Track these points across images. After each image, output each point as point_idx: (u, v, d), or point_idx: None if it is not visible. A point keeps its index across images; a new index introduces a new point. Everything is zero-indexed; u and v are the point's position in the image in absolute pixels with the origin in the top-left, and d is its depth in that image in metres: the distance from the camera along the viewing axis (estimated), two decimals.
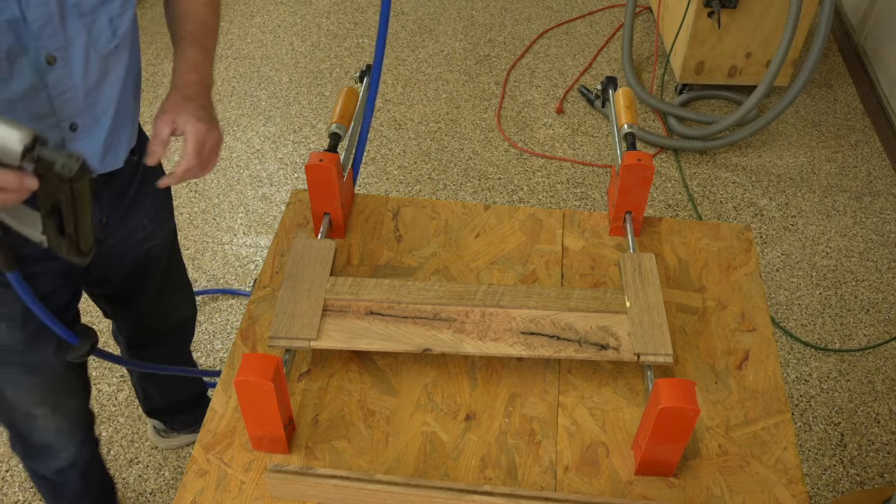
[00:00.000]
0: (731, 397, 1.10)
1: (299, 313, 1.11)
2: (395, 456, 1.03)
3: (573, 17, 3.52)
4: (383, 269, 1.25)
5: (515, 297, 1.13)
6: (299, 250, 1.20)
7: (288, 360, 1.08)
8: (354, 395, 1.10)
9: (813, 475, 2.01)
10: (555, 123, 2.98)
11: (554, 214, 1.34)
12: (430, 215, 1.34)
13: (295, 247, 1.20)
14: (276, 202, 2.66)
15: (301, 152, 2.85)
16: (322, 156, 1.20)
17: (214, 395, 1.09)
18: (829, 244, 2.58)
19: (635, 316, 1.11)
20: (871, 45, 3.14)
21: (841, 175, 2.82)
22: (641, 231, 1.31)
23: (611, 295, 1.14)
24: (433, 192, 2.71)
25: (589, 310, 1.12)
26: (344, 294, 1.14)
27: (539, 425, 1.07)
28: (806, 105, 3.10)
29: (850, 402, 2.16)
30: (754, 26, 2.84)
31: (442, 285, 1.15)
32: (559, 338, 1.09)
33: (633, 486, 1.01)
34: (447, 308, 1.12)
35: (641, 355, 1.07)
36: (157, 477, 1.97)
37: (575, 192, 2.72)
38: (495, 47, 3.34)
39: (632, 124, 1.29)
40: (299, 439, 1.05)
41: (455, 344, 1.08)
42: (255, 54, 3.29)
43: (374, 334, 1.09)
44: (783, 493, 1.00)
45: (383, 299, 1.13)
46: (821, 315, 2.37)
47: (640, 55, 3.29)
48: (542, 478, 1.02)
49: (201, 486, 1.00)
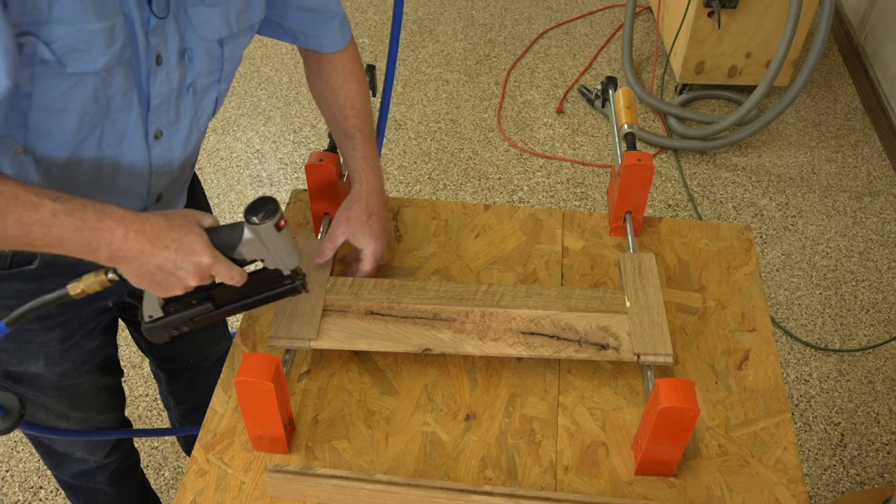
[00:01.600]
0: (731, 397, 1.10)
1: (299, 313, 1.11)
2: (395, 456, 1.03)
3: (573, 17, 3.52)
4: (383, 269, 1.25)
5: (515, 298, 1.13)
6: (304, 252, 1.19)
7: (288, 360, 1.08)
8: (354, 395, 1.10)
9: (813, 475, 2.01)
10: (555, 123, 2.98)
11: (554, 214, 1.34)
12: (430, 215, 1.34)
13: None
14: None
15: (301, 152, 2.85)
16: (322, 156, 1.20)
17: (214, 395, 1.09)
18: (829, 244, 2.58)
19: (635, 316, 1.11)
20: (871, 45, 3.14)
21: (841, 175, 2.82)
22: (641, 231, 1.31)
23: (611, 295, 1.14)
24: (433, 192, 2.71)
25: (589, 310, 1.12)
26: (344, 294, 1.13)
27: (539, 425, 1.07)
28: (806, 105, 3.10)
29: (850, 402, 2.16)
30: (754, 26, 2.84)
31: (442, 285, 1.15)
32: (559, 338, 1.09)
33: (633, 486, 1.01)
34: (447, 308, 1.12)
35: (641, 355, 1.07)
36: (157, 477, 1.97)
37: (575, 192, 2.71)
38: (495, 47, 3.34)
39: (632, 124, 1.29)
40: (299, 439, 1.05)
41: (455, 344, 1.08)
42: (255, 54, 3.29)
43: (374, 334, 1.09)
44: (783, 493, 1.00)
45: (383, 299, 1.13)
46: (821, 315, 2.37)
47: (640, 55, 3.29)
48: (542, 478, 1.02)
49: (201, 486, 1.00)
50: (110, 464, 1.51)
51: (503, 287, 1.15)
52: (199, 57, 0.99)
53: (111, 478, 1.53)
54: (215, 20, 0.97)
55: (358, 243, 1.17)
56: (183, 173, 1.12)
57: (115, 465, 1.52)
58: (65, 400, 1.28)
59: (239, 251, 0.93)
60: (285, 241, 0.94)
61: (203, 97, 1.04)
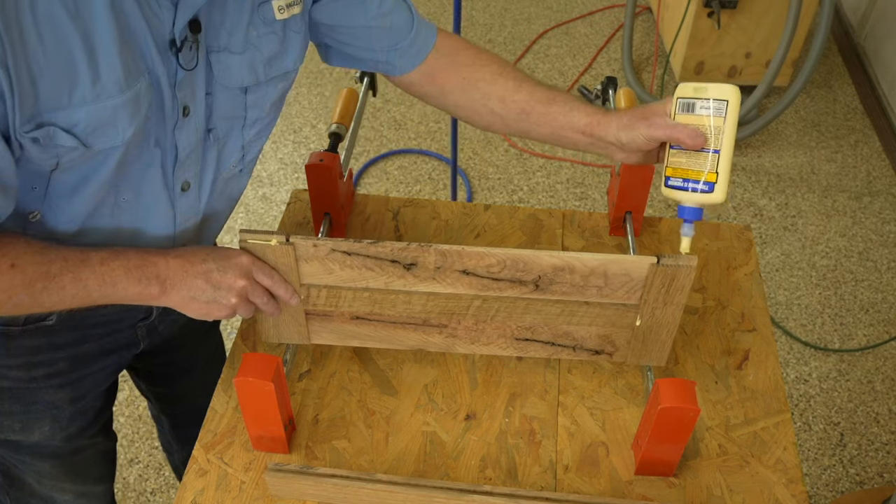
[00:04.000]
0: (731, 397, 1.10)
1: (282, 320, 1.05)
2: (395, 456, 1.03)
3: (573, 17, 3.52)
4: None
5: (512, 314, 1.02)
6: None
7: (288, 360, 1.08)
8: (354, 394, 1.10)
9: (813, 475, 2.01)
10: None
11: (554, 214, 1.34)
12: (430, 215, 1.34)
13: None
14: (276, 202, 2.66)
15: (301, 152, 2.85)
16: (322, 156, 1.20)
17: (215, 395, 1.09)
18: (828, 244, 2.58)
19: (641, 333, 1.03)
20: (870, 45, 3.14)
21: (841, 175, 2.82)
22: (641, 231, 1.31)
23: (621, 314, 1.01)
24: (433, 192, 2.71)
25: (594, 325, 1.03)
26: (321, 306, 1.03)
27: (539, 425, 1.07)
28: (806, 105, 3.10)
29: (849, 401, 2.16)
30: (754, 26, 2.84)
31: (430, 299, 1.01)
32: (554, 344, 1.06)
33: (633, 486, 1.01)
34: (437, 316, 1.05)
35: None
36: (157, 477, 1.97)
37: (575, 192, 2.72)
38: (495, 47, 3.34)
39: None
40: (299, 439, 1.05)
41: (447, 347, 1.08)
42: None
43: (365, 336, 1.07)
44: (783, 493, 1.00)
45: (365, 312, 1.03)
46: (820, 315, 2.37)
47: (640, 55, 3.29)
48: (542, 478, 1.02)
49: (201, 486, 1.00)
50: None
51: (498, 301, 1.00)
52: (221, 103, 0.93)
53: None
54: (239, 68, 0.91)
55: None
56: (209, 226, 1.06)
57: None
58: (64, 468, 1.24)
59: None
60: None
61: (225, 144, 0.97)
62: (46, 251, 0.85)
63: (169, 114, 0.87)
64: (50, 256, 0.85)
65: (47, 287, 0.85)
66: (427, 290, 0.99)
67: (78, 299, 0.88)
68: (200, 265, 0.92)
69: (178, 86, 0.85)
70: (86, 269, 0.87)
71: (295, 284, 1.00)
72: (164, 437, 1.65)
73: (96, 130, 0.79)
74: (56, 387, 1.10)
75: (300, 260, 0.97)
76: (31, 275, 0.84)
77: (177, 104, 0.87)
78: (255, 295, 0.96)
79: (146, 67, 0.81)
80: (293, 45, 0.97)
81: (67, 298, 0.87)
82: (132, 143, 0.84)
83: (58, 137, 0.77)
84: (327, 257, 0.97)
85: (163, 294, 0.91)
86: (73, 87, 0.75)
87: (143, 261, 0.90)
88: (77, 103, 0.76)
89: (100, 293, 0.88)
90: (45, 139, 0.77)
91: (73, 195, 0.87)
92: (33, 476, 1.25)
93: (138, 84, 0.80)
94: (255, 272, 0.96)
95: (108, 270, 0.88)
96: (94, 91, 0.77)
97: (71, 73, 0.75)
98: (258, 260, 0.96)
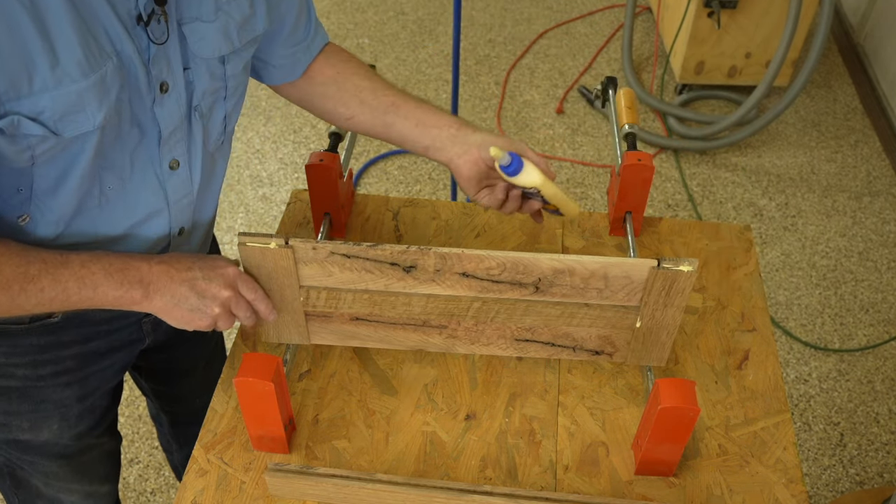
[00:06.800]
0: (731, 397, 1.10)
1: (281, 321, 1.05)
2: (395, 456, 1.03)
3: (573, 17, 3.52)
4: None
5: (512, 316, 1.03)
6: (253, 263, 0.98)
7: (288, 360, 1.08)
8: (354, 394, 1.10)
9: (813, 475, 2.01)
10: (555, 123, 2.98)
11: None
12: (430, 215, 1.34)
13: (247, 259, 0.98)
14: (276, 202, 2.66)
15: (301, 152, 2.85)
16: (322, 156, 1.20)
17: (215, 395, 1.09)
18: (828, 244, 2.58)
19: (641, 334, 1.04)
20: (870, 45, 3.14)
21: (840, 175, 2.82)
22: (641, 231, 1.31)
23: (621, 315, 1.02)
24: (433, 192, 2.71)
25: (594, 326, 1.04)
26: (321, 308, 1.04)
27: (539, 425, 1.07)
28: (806, 105, 3.10)
29: (849, 401, 2.16)
30: (754, 26, 2.84)
31: (430, 301, 1.01)
32: (554, 344, 1.07)
33: (633, 485, 1.01)
34: (437, 317, 1.06)
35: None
36: (157, 477, 1.97)
37: (575, 192, 2.72)
38: (495, 47, 3.34)
39: (633, 125, 1.29)
40: (299, 439, 1.05)
41: (447, 348, 1.08)
42: None
43: (365, 336, 1.07)
44: (783, 493, 1.00)
45: (365, 314, 1.04)
46: (820, 315, 2.37)
47: (640, 55, 3.30)
48: (542, 478, 1.02)
49: (202, 486, 1.00)
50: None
51: (498, 303, 1.01)
52: (201, 77, 0.91)
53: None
54: (214, 37, 0.90)
55: (522, 151, 1.05)
56: (203, 203, 1.05)
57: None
58: (71, 468, 1.24)
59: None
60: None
61: (209, 118, 0.97)
62: (26, 253, 0.85)
63: (145, 91, 0.85)
64: (29, 258, 0.85)
65: (25, 289, 0.84)
66: (427, 293, 1.00)
67: (57, 302, 0.87)
68: (186, 272, 0.92)
69: (151, 61, 0.83)
70: (66, 271, 0.86)
71: (294, 287, 1.00)
72: (163, 436, 1.65)
73: (64, 117, 0.78)
74: (63, 385, 1.10)
75: (299, 262, 0.97)
76: (7, 276, 0.83)
77: (152, 81, 0.85)
78: (237, 307, 0.95)
79: (113, 48, 0.79)
80: (259, 4, 0.96)
81: (46, 301, 0.86)
82: (107, 126, 0.83)
83: (24, 126, 0.76)
84: (326, 260, 0.97)
85: (145, 299, 0.90)
86: (32, 73, 0.74)
87: (125, 264, 0.89)
88: (38, 90, 0.75)
89: (79, 296, 0.87)
90: (11, 129, 0.76)
91: (56, 190, 0.86)
92: (40, 477, 1.25)
93: (104, 67, 0.78)
94: (240, 285, 0.95)
95: (89, 273, 0.87)
96: (55, 76, 0.75)
97: (27, 59, 0.73)
98: (243, 273, 0.96)
